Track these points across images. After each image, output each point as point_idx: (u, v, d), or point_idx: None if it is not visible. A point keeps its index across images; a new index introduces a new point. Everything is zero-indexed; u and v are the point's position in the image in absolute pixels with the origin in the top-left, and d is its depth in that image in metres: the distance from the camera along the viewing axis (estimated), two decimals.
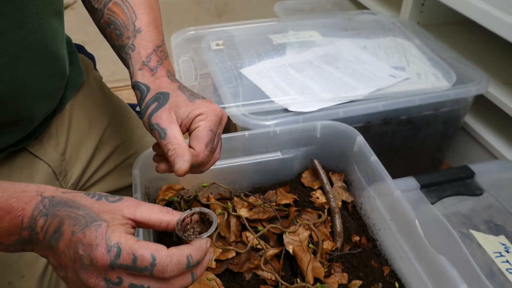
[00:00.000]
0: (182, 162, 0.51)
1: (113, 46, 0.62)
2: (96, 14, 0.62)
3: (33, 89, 0.60)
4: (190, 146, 0.53)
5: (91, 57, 0.86)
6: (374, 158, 0.75)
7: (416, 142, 1.06)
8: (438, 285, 0.60)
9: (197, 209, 0.49)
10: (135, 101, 0.97)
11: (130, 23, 0.58)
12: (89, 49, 0.90)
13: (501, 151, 1.05)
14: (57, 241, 0.40)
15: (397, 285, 0.65)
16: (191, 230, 0.48)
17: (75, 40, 0.80)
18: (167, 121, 0.53)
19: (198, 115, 0.53)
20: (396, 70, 1.03)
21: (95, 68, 0.85)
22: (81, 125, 0.75)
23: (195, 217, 0.49)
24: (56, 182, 0.69)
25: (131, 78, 0.58)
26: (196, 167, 0.56)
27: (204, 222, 0.50)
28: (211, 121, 0.53)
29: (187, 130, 0.55)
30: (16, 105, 0.58)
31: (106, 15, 0.60)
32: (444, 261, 0.59)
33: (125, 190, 0.80)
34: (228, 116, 0.76)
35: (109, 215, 0.42)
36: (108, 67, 1.81)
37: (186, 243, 0.46)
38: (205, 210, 0.49)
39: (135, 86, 0.57)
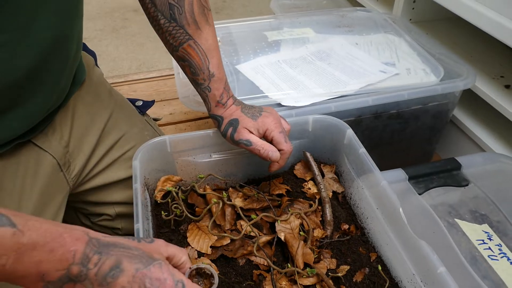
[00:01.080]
0: (274, 152, 0.73)
1: (186, 74, 0.76)
2: (169, 46, 0.73)
3: (46, 84, 0.64)
4: (278, 150, 0.74)
5: (92, 54, 0.89)
6: (362, 150, 0.79)
7: (406, 136, 1.10)
8: (420, 268, 0.64)
9: (194, 266, 0.58)
10: (134, 96, 1.01)
11: (204, 68, 0.72)
12: (89, 45, 0.93)
13: (488, 144, 1.09)
14: (116, 278, 0.44)
15: (379, 268, 0.68)
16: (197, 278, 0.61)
17: None
18: (246, 134, 0.74)
19: (266, 130, 0.74)
20: (387, 66, 1.07)
21: (96, 64, 0.89)
22: (83, 120, 0.78)
23: (193, 272, 0.60)
24: (60, 173, 0.73)
25: (208, 110, 0.78)
26: (287, 158, 0.77)
27: (202, 275, 0.61)
28: (277, 127, 0.74)
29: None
30: (27, 96, 0.62)
31: (180, 52, 0.72)
32: (425, 246, 0.62)
33: (125, 181, 0.83)
34: None
35: (158, 255, 0.49)
36: (108, 63, 1.85)
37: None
38: (202, 265, 0.60)
39: (212, 116, 0.77)
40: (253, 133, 0.74)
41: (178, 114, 1.45)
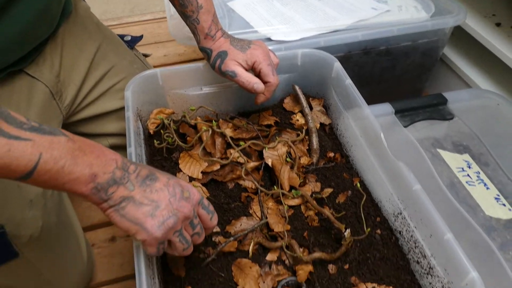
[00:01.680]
0: (258, 84, 0.74)
1: (175, 6, 0.77)
2: None
3: (39, 8, 0.65)
4: (265, 82, 0.75)
5: None
6: (349, 81, 0.81)
7: (396, 73, 1.12)
8: (397, 188, 0.68)
9: None
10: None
11: None
12: None
13: (476, 81, 1.11)
14: (154, 181, 0.52)
15: (358, 185, 0.72)
16: None
17: None
18: (232, 66, 0.75)
19: (254, 62, 0.75)
20: (378, 3, 1.07)
21: None
22: (72, 50, 0.80)
23: None
24: (53, 101, 0.75)
25: (198, 42, 0.79)
26: (274, 91, 0.78)
27: None
28: (265, 60, 0.75)
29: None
30: (22, 20, 0.63)
31: None
32: (402, 166, 0.66)
33: (117, 113, 0.86)
34: None
35: None
36: (101, 6, 1.82)
37: None
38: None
39: (202, 49, 0.79)
40: (241, 65, 0.76)
41: (172, 56, 1.46)
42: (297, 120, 0.86)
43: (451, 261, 0.56)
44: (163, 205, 0.51)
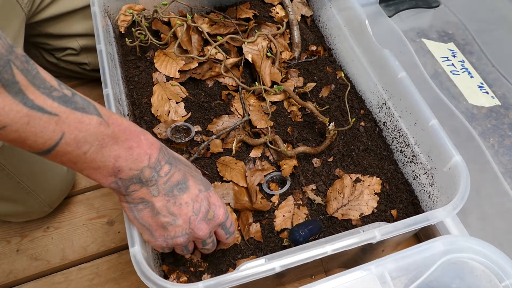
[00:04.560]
0: None
1: None
2: None
3: None
4: None
5: None
6: None
7: None
8: (382, 77, 0.66)
9: (173, 125, 0.66)
10: None
11: None
12: None
13: None
14: (182, 192, 0.46)
15: (342, 74, 0.70)
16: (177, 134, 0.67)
17: None
18: None
19: None
20: None
21: None
22: None
23: (173, 130, 0.67)
24: None
25: None
26: None
27: (180, 131, 0.67)
28: None
29: None
30: None
31: None
32: (387, 54, 0.63)
33: (84, 11, 0.79)
34: None
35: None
36: None
37: None
38: (179, 123, 0.67)
39: None
40: None
41: None
42: (277, 13, 0.81)
43: (435, 147, 0.56)
44: (180, 221, 0.46)
